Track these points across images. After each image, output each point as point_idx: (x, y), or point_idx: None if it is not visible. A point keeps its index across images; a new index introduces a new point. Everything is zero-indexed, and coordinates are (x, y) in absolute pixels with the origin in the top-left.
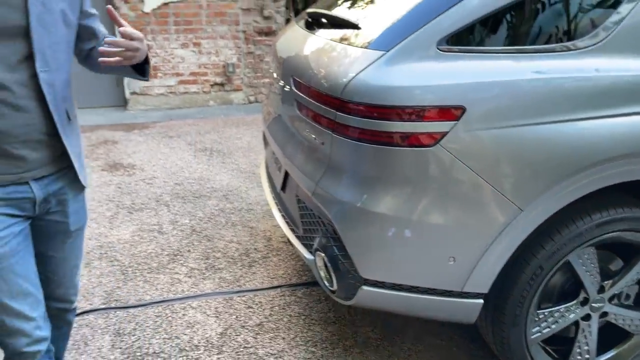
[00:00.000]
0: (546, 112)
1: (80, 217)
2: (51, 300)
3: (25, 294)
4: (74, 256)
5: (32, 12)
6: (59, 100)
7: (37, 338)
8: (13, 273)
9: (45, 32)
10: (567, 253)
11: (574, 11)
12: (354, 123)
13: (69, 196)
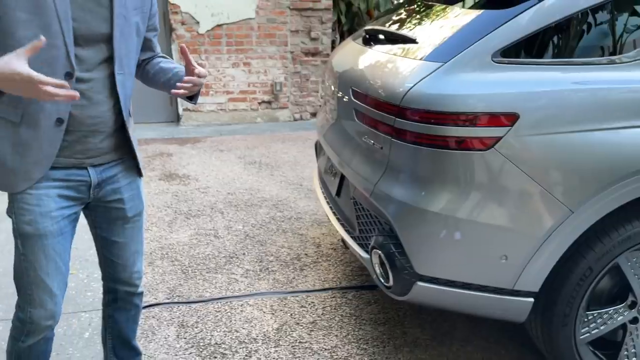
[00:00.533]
0: (594, 120)
1: (137, 204)
2: (118, 284)
3: (58, 272)
4: (135, 241)
5: (117, 24)
6: (127, 99)
7: (53, 314)
8: (54, 251)
9: (123, 40)
10: (615, 256)
11: (619, 28)
12: (412, 128)
13: (122, 183)
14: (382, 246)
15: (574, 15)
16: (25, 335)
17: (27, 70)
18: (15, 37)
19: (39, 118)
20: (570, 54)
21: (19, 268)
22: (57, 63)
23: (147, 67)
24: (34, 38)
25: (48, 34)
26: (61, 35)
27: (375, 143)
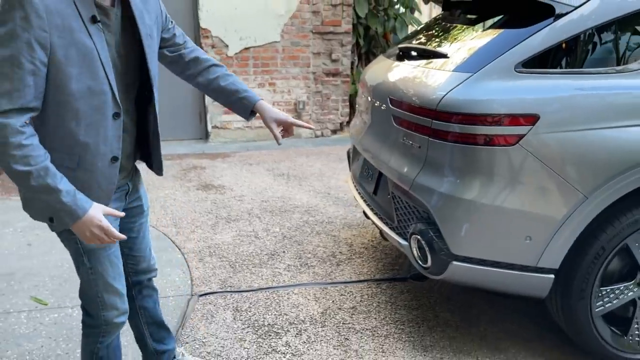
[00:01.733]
0: (603, 120)
1: (147, 199)
2: (140, 274)
3: (120, 274)
4: (148, 233)
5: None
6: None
7: (124, 311)
8: (116, 257)
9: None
10: (625, 237)
11: (624, 42)
12: (448, 128)
13: (138, 182)
14: (421, 231)
15: (583, 33)
16: (103, 336)
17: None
18: (67, 91)
19: (95, 161)
20: (581, 65)
21: (87, 281)
22: (106, 106)
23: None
24: (85, 91)
25: (96, 83)
26: (107, 81)
27: (413, 143)
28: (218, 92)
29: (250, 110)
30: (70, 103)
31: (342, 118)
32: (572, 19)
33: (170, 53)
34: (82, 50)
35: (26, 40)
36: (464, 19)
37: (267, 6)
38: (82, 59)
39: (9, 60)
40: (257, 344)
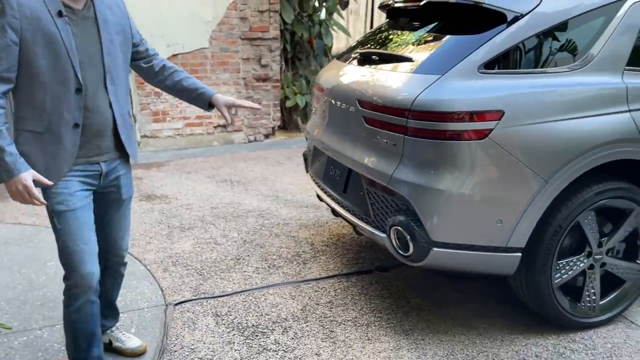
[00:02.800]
0: (557, 113)
1: (129, 189)
2: (110, 255)
3: (90, 239)
4: (124, 221)
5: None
6: (120, 106)
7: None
8: (85, 224)
9: (111, 59)
10: (576, 215)
11: (569, 43)
12: (422, 126)
13: (120, 172)
14: (402, 222)
15: (534, 36)
16: (74, 299)
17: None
18: (35, 66)
19: (60, 126)
20: (536, 65)
21: (60, 243)
22: (70, 82)
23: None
24: (50, 66)
25: (59, 61)
26: (69, 61)
27: (388, 141)
28: (182, 91)
29: (208, 102)
30: (38, 76)
31: (274, 122)
32: (523, 24)
33: (145, 64)
34: (48, 35)
35: (0, 25)
36: (411, 26)
37: (194, 12)
38: (48, 41)
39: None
40: (246, 345)
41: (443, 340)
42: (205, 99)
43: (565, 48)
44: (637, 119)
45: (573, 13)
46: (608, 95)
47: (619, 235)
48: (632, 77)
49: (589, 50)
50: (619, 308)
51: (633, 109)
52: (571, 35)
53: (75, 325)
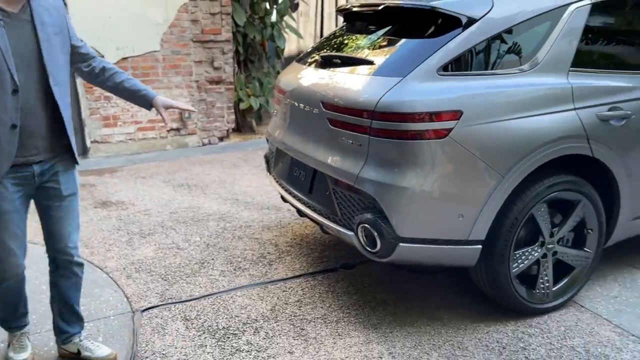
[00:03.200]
0: (511, 112)
1: (71, 187)
2: (56, 253)
3: (16, 237)
4: (69, 218)
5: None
6: (66, 104)
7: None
8: (13, 223)
9: (51, 59)
10: (530, 208)
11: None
12: (386, 127)
13: (59, 169)
14: (369, 220)
15: (487, 40)
16: (1, 281)
17: None
18: None
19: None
20: (490, 67)
21: None
22: (5, 84)
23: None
24: None
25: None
26: (5, 63)
27: (353, 142)
28: (124, 92)
29: (150, 103)
30: None
31: (229, 125)
32: (477, 29)
33: (85, 68)
34: None
35: None
36: (369, 30)
37: (144, 15)
38: None
39: None
40: (219, 347)
41: (410, 332)
42: (148, 100)
43: (516, 51)
44: (582, 117)
45: (521, 18)
46: (555, 95)
47: (568, 225)
48: (576, 77)
49: (537, 52)
50: (570, 293)
51: (578, 107)
52: (521, 38)
53: (3, 297)
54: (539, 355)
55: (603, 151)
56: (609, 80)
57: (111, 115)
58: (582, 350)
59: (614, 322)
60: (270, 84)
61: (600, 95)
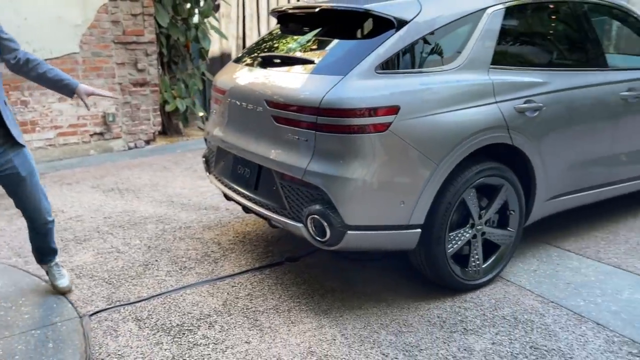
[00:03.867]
0: (441, 106)
1: (27, 166)
2: (35, 222)
3: None
4: (35, 192)
5: None
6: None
7: None
8: None
9: None
10: (462, 193)
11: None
12: (331, 122)
13: (11, 155)
14: (318, 211)
15: (418, 40)
16: None
17: None
18: None
19: None
20: (421, 65)
21: None
22: None
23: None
24: None
25: None
26: None
27: (299, 138)
28: (48, 82)
29: (73, 91)
30: None
31: (155, 127)
32: (408, 30)
33: (12, 60)
34: None
35: None
36: (303, 31)
37: (62, 16)
38: None
39: None
40: (175, 343)
41: (359, 314)
42: (71, 89)
43: (443, 50)
44: (502, 110)
45: (446, 20)
46: (479, 90)
47: (494, 208)
48: (496, 74)
49: (462, 52)
50: (498, 269)
51: (499, 101)
52: (447, 39)
53: None
54: (475, 326)
55: (521, 140)
56: (524, 76)
57: (29, 121)
58: (512, 318)
59: (535, 292)
60: (196, 85)
61: (517, 90)
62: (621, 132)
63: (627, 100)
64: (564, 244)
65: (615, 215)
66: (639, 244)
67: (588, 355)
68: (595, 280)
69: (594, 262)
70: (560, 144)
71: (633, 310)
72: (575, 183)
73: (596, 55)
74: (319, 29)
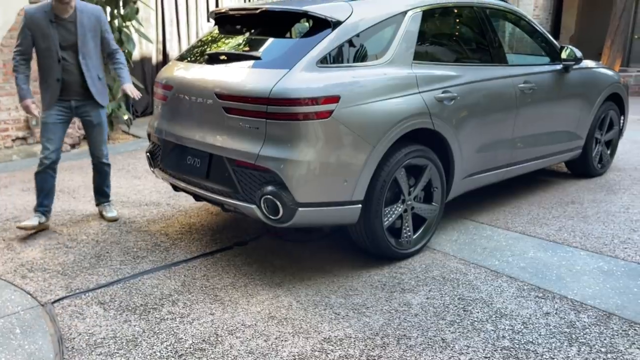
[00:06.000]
0: (374, 96)
1: (97, 117)
2: (94, 157)
3: (49, 138)
4: (99, 134)
5: (79, 39)
6: (90, 72)
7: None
8: (51, 131)
9: (83, 45)
10: (394, 172)
11: (376, 43)
12: (279, 111)
13: (88, 108)
14: (271, 191)
15: (351, 38)
16: (38, 166)
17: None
18: (39, 48)
19: (50, 79)
20: (355, 60)
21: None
22: (54, 55)
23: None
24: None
25: (48, 46)
26: (54, 46)
27: (251, 126)
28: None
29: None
30: (41, 52)
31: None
32: (342, 29)
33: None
34: (44, 33)
35: (21, 29)
36: (242, 31)
37: None
38: (44, 36)
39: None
40: (143, 320)
41: (309, 285)
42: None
43: (374, 47)
44: (425, 99)
45: (374, 21)
46: (404, 82)
47: (421, 185)
48: (418, 68)
49: (389, 48)
50: (425, 239)
51: (422, 91)
52: (376, 37)
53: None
54: (411, 286)
55: (441, 125)
56: (441, 70)
57: None
58: (440, 277)
59: (458, 256)
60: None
61: (436, 82)
62: (520, 119)
63: (524, 91)
64: (478, 218)
65: (518, 192)
66: (538, 215)
67: (504, 301)
68: (506, 244)
69: (504, 230)
70: (472, 129)
71: (537, 265)
72: (484, 163)
73: (498, 53)
74: (259, 28)
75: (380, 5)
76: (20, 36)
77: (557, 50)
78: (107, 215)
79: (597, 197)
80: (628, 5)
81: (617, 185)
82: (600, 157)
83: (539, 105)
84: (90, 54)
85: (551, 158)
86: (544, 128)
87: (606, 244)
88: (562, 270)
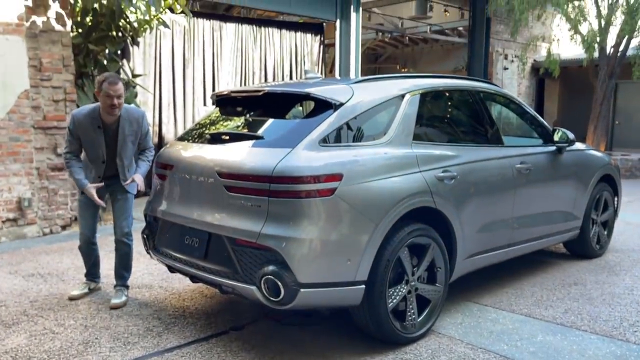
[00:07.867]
0: (376, 174)
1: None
2: (116, 235)
3: (86, 220)
4: (124, 211)
5: (119, 143)
6: (126, 166)
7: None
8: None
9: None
10: (398, 250)
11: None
12: (282, 189)
13: (117, 189)
14: (272, 271)
15: (352, 119)
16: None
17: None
18: (86, 150)
19: (92, 173)
20: (356, 139)
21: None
22: (99, 159)
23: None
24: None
25: (95, 151)
26: (100, 150)
27: (252, 204)
28: None
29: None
30: (87, 153)
31: (73, 212)
32: (343, 111)
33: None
34: (91, 138)
35: (69, 132)
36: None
37: None
38: (91, 142)
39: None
40: None
41: None
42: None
43: (375, 127)
44: (426, 178)
45: (374, 103)
46: (405, 161)
47: (424, 265)
48: (418, 148)
49: (389, 129)
50: (430, 322)
51: (422, 170)
52: (377, 118)
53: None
54: None
55: (442, 204)
56: (440, 150)
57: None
58: None
59: (465, 340)
60: None
61: (436, 161)
62: (518, 199)
63: (521, 171)
64: (481, 300)
65: (519, 273)
66: (542, 296)
67: None
68: (513, 328)
69: (509, 313)
70: (473, 208)
71: (547, 350)
72: (486, 243)
73: (494, 134)
74: (260, 109)
75: (379, 88)
76: (67, 139)
77: (549, 132)
78: (112, 301)
79: (600, 278)
80: (608, 93)
81: (617, 266)
82: (598, 238)
83: (536, 185)
84: (127, 154)
85: (550, 238)
86: (542, 208)
87: (615, 327)
88: (574, 355)
